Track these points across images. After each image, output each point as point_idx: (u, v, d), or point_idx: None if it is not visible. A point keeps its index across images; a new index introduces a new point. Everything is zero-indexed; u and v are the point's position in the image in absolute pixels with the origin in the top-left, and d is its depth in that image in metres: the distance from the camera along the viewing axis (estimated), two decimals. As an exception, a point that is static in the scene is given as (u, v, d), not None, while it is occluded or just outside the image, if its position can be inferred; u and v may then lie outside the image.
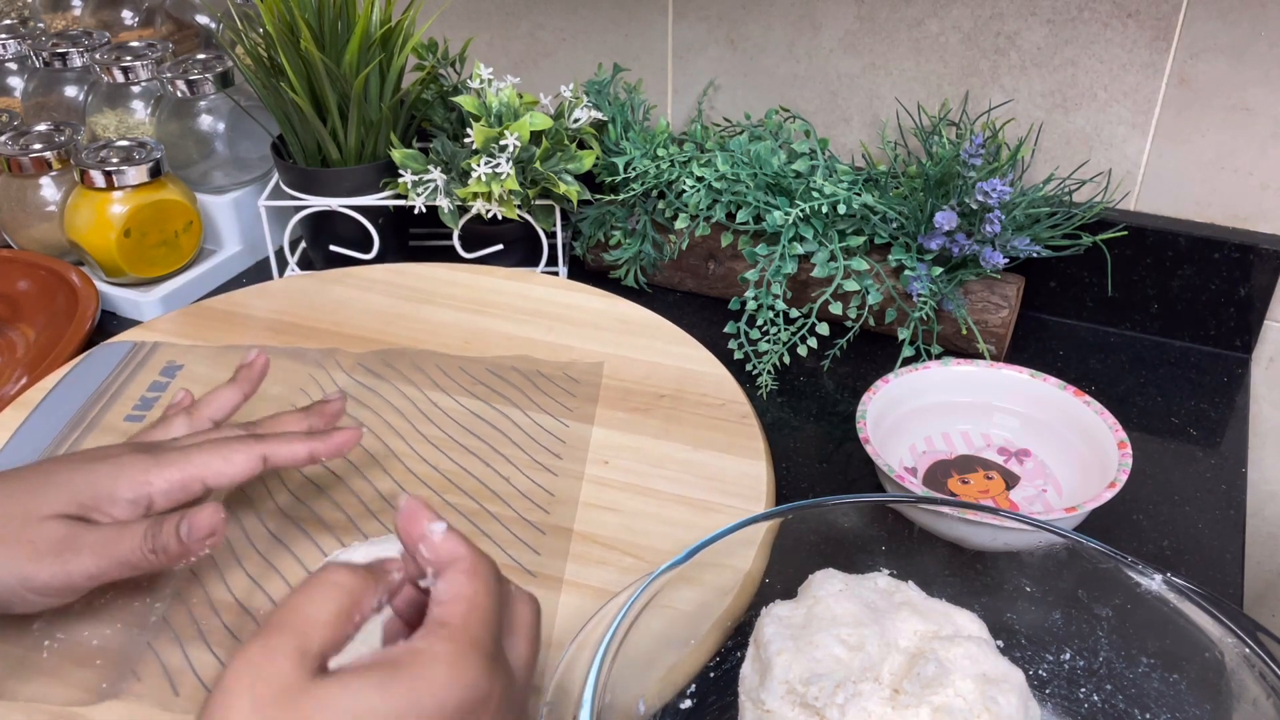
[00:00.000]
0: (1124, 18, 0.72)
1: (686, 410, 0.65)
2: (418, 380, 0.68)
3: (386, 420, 0.64)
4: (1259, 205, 0.75)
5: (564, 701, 0.41)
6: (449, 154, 0.79)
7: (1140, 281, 0.78)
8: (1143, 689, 0.44)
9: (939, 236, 0.71)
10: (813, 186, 0.74)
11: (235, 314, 0.76)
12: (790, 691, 0.41)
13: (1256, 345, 0.77)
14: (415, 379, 0.68)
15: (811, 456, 0.67)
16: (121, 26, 1.06)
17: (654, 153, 0.80)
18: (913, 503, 0.51)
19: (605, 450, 0.62)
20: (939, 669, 0.41)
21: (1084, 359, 0.77)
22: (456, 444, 0.62)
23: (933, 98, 0.81)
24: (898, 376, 0.65)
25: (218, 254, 0.90)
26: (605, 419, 0.65)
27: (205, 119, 0.88)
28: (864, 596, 0.45)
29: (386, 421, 0.64)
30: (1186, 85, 0.73)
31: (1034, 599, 0.47)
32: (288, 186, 0.82)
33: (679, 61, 0.88)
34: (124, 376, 0.68)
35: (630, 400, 0.66)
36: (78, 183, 0.81)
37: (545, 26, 0.91)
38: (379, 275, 0.80)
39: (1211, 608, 0.41)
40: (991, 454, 0.65)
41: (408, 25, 0.80)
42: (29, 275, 0.83)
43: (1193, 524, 0.62)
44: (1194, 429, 0.70)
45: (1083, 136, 0.77)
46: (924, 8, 0.78)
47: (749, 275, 0.74)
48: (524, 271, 0.81)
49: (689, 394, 0.67)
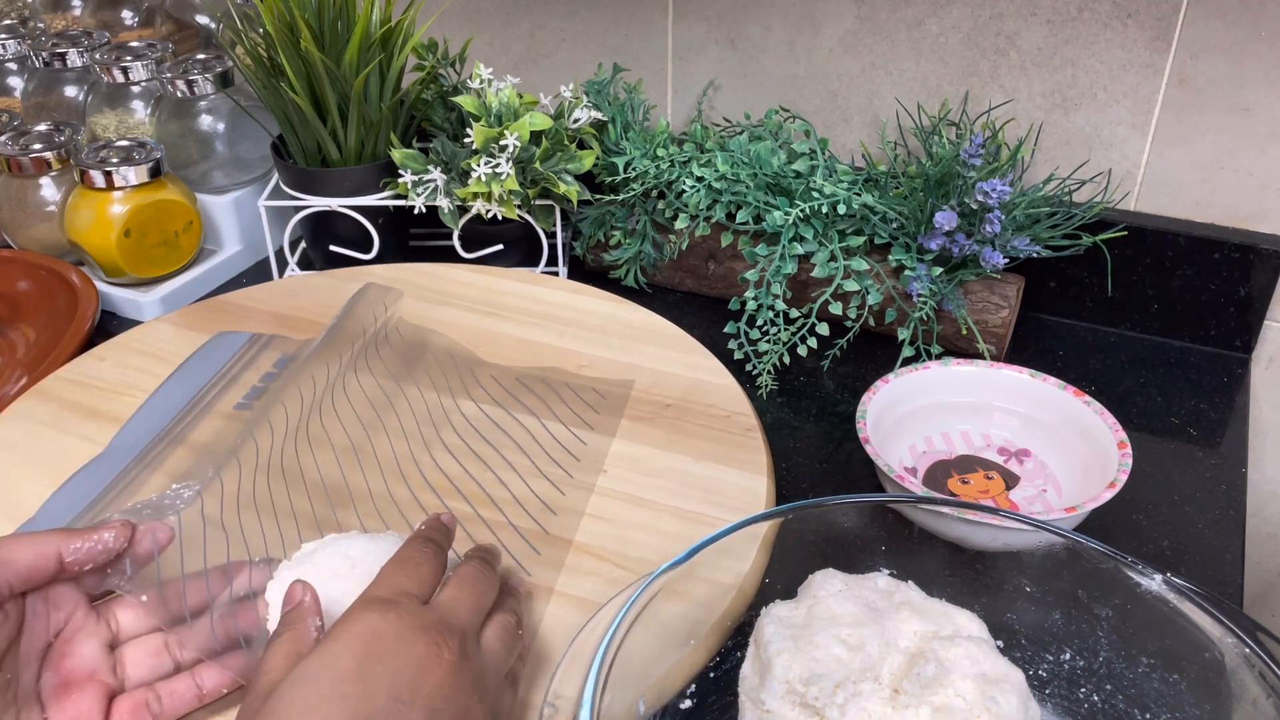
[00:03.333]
0: (1124, 18, 0.72)
1: (691, 421, 0.65)
2: (449, 386, 0.68)
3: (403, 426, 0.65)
4: (1259, 205, 0.75)
5: (564, 702, 0.41)
6: (449, 154, 0.79)
7: (1140, 281, 0.78)
8: (1143, 689, 0.44)
9: (939, 236, 0.71)
10: (813, 186, 0.74)
11: (254, 309, 0.77)
12: (790, 691, 0.41)
13: (1256, 345, 0.77)
14: (442, 383, 0.68)
15: (811, 456, 0.67)
16: (121, 26, 1.06)
17: (654, 153, 0.80)
18: (913, 503, 0.51)
19: (605, 458, 0.62)
20: (939, 669, 0.41)
21: (1084, 359, 0.77)
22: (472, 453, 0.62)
23: (933, 98, 0.81)
24: (898, 376, 0.65)
25: (218, 254, 0.90)
26: (607, 426, 0.64)
27: (205, 119, 0.88)
28: (864, 596, 0.45)
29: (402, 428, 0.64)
30: (1186, 85, 0.73)
31: (1034, 599, 0.47)
32: (288, 186, 0.82)
33: (679, 61, 0.88)
34: (240, 365, 0.70)
35: (635, 408, 0.66)
36: (78, 183, 0.81)
37: (545, 26, 0.91)
38: (395, 275, 0.80)
39: (1211, 608, 0.41)
40: (991, 454, 0.65)
41: (408, 25, 0.80)
42: (29, 275, 0.83)
43: (1193, 524, 0.62)
44: (1194, 429, 0.70)
45: (1082, 137, 0.77)
46: (924, 8, 0.78)
47: (749, 275, 0.74)
48: (539, 275, 0.81)
49: (695, 404, 0.66)
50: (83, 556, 0.44)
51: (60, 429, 0.65)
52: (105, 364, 0.71)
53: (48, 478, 0.61)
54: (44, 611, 0.45)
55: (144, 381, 0.69)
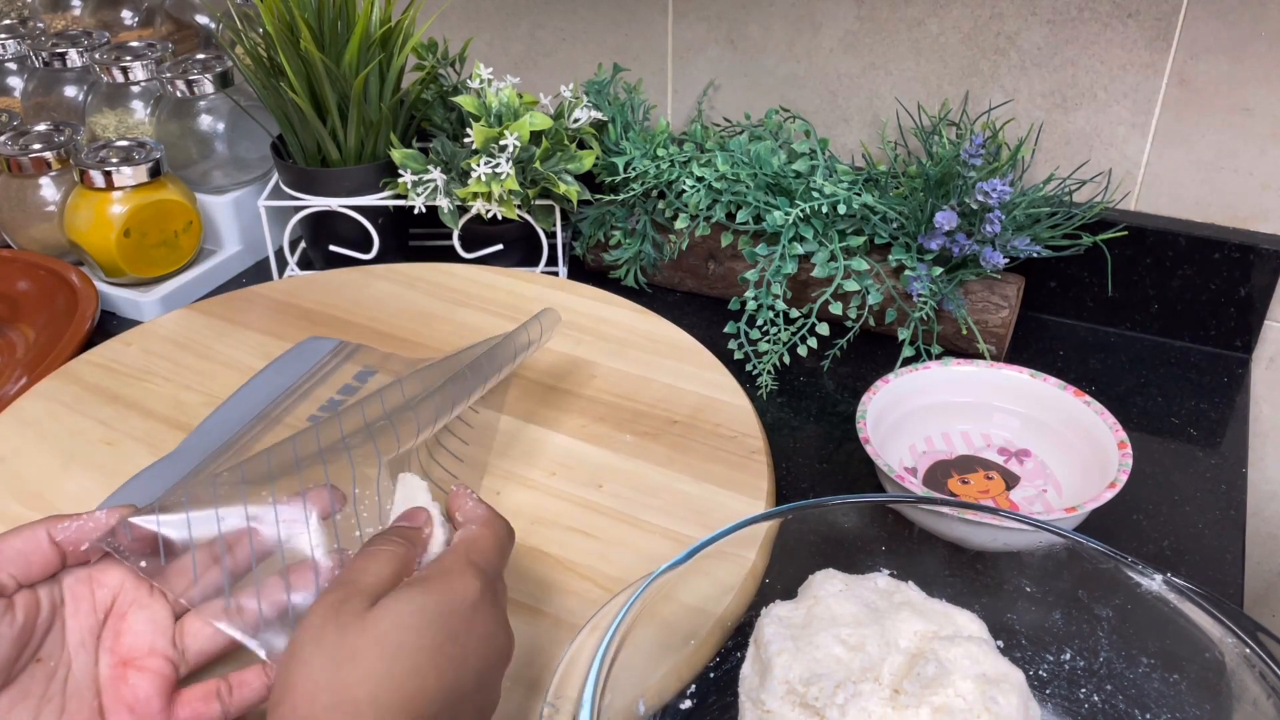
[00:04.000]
0: (1124, 18, 0.72)
1: (696, 439, 0.63)
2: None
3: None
4: (1259, 205, 0.75)
5: (564, 702, 0.41)
6: (449, 154, 0.79)
7: (1140, 281, 0.78)
8: (1143, 689, 0.44)
9: (939, 236, 0.71)
10: (813, 186, 0.74)
11: (288, 302, 0.77)
12: (790, 692, 0.41)
13: (1257, 345, 0.77)
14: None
15: (811, 456, 0.67)
16: (121, 26, 1.06)
17: (654, 153, 0.80)
18: (913, 503, 0.51)
19: (602, 473, 0.61)
20: (939, 669, 0.41)
21: (1084, 359, 0.77)
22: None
23: (933, 98, 0.81)
24: (898, 376, 0.65)
25: (217, 254, 0.90)
26: (611, 441, 0.63)
27: (205, 119, 0.88)
28: (864, 597, 0.45)
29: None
30: (1186, 85, 0.73)
31: (1034, 599, 0.47)
32: (287, 186, 0.82)
33: (679, 61, 0.88)
34: (320, 374, 0.69)
35: (641, 423, 0.65)
36: (77, 183, 0.81)
37: (545, 26, 0.91)
38: (419, 274, 0.80)
39: (1212, 608, 0.41)
40: (991, 454, 0.65)
41: (407, 25, 0.80)
42: (29, 275, 0.83)
43: (1193, 524, 0.62)
44: (1194, 429, 0.70)
45: (1083, 136, 0.77)
46: (924, 8, 0.78)
47: (749, 275, 0.74)
48: (562, 281, 0.81)
49: (703, 423, 0.65)
50: (73, 535, 0.44)
51: (79, 411, 0.66)
52: (131, 349, 0.72)
53: (60, 457, 0.62)
54: (87, 593, 0.44)
55: (167, 370, 0.70)
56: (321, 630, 0.37)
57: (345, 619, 0.38)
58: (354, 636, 0.37)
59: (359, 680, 0.36)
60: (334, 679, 0.36)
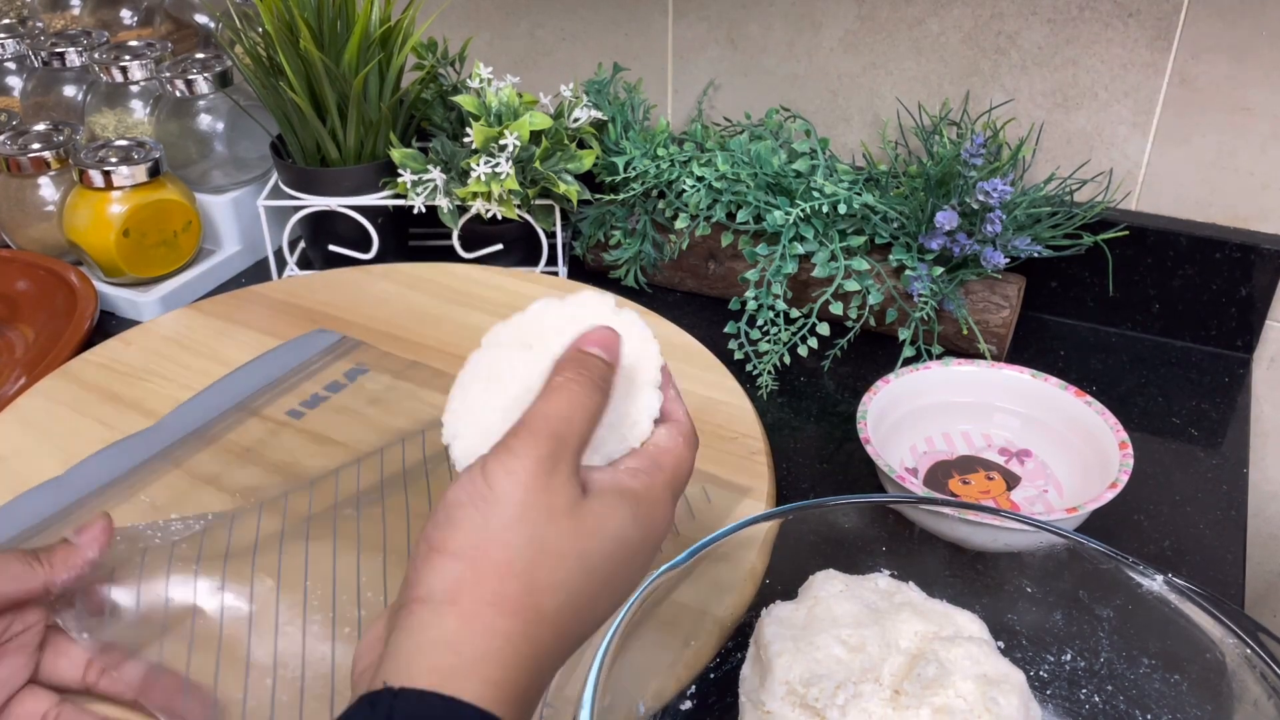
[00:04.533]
0: (1125, 17, 0.72)
1: None
2: None
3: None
4: (1260, 205, 0.75)
5: (564, 702, 0.41)
6: (449, 154, 0.79)
7: (1141, 281, 0.78)
8: (1144, 690, 0.44)
9: (940, 236, 0.71)
10: (813, 186, 0.74)
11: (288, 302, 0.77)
12: (791, 692, 0.41)
13: (1258, 345, 0.77)
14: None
15: (812, 456, 0.67)
16: (120, 26, 1.06)
17: (654, 152, 0.80)
18: (913, 503, 0.51)
19: None
20: (940, 670, 0.41)
21: (1085, 359, 0.77)
22: None
23: (933, 97, 0.81)
24: (898, 376, 0.65)
25: (217, 254, 0.89)
26: None
27: (204, 119, 0.88)
28: (865, 597, 0.45)
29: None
30: (1187, 85, 0.73)
31: (1035, 600, 0.47)
32: (287, 186, 0.82)
33: (679, 61, 0.88)
34: (311, 369, 0.69)
35: None
36: (76, 182, 0.81)
37: (545, 26, 0.91)
38: (419, 274, 0.80)
39: (1212, 608, 0.41)
40: (992, 454, 0.64)
41: (407, 25, 0.80)
42: (28, 275, 0.83)
43: (1194, 524, 0.61)
44: (1195, 429, 0.70)
45: (1084, 136, 0.77)
46: (924, 7, 0.77)
47: (749, 275, 0.74)
48: (562, 281, 0.80)
49: (703, 423, 0.63)
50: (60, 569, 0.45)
51: (79, 410, 0.66)
52: (131, 349, 0.72)
53: (58, 455, 0.62)
54: None
55: (167, 369, 0.70)
56: (532, 495, 0.35)
57: (556, 498, 0.36)
58: (561, 536, 0.36)
59: (552, 587, 0.35)
60: (532, 573, 0.35)
